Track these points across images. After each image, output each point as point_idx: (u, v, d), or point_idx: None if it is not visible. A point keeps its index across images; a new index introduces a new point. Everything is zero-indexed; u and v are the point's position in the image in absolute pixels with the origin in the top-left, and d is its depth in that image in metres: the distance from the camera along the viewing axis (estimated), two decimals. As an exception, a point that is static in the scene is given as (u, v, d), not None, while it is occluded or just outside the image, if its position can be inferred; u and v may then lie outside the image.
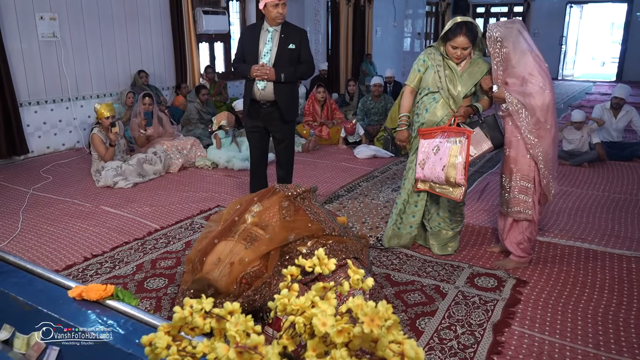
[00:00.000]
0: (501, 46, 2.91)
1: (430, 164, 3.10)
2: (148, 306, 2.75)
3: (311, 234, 2.51)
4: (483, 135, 3.10)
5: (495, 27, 2.94)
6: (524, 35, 2.93)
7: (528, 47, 2.91)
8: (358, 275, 0.89)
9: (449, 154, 3.02)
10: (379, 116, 6.98)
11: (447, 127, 3.08)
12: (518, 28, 2.94)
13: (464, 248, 3.51)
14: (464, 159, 2.98)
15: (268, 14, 3.64)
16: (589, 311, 2.73)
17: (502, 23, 2.97)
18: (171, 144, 5.57)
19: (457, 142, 3.00)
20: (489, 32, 2.94)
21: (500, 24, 2.97)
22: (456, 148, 3.00)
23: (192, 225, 3.92)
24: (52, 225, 3.88)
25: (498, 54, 2.94)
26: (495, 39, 2.91)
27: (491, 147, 3.13)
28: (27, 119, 5.83)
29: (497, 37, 2.91)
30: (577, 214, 4.17)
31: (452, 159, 3.01)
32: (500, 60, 2.94)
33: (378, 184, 5.03)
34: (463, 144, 2.98)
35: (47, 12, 5.81)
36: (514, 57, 2.91)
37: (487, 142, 3.11)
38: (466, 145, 2.98)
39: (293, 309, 0.81)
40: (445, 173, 3.03)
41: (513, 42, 2.90)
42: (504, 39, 2.90)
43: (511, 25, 2.95)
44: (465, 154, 2.98)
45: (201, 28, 7.80)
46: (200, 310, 0.82)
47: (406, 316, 2.66)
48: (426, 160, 3.13)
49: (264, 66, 3.66)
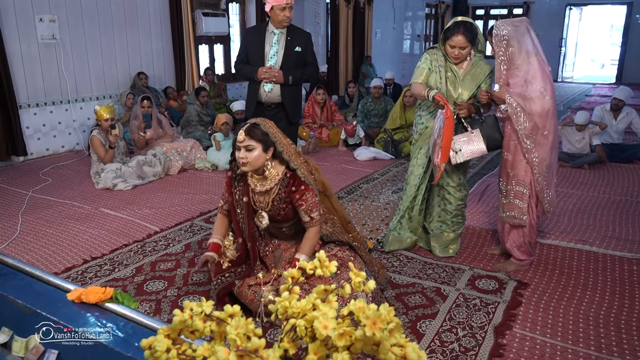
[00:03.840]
0: (507, 45, 2.86)
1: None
2: (148, 309, 2.74)
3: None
4: (480, 137, 3.06)
5: (502, 24, 2.88)
6: (531, 35, 2.88)
7: (533, 49, 2.87)
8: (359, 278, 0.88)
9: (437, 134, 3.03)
10: (379, 118, 6.98)
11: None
12: (526, 27, 2.88)
13: (465, 250, 3.50)
14: (441, 141, 2.96)
15: (275, 17, 3.64)
16: (590, 313, 2.72)
17: (510, 21, 2.91)
18: (171, 145, 5.56)
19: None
20: (496, 29, 2.88)
21: (508, 22, 2.91)
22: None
23: (192, 227, 3.91)
24: (51, 228, 3.87)
25: (503, 53, 2.88)
26: (502, 37, 2.86)
27: (484, 151, 3.07)
28: (26, 121, 5.82)
29: (504, 35, 2.85)
30: (577, 216, 4.16)
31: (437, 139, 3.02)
32: (505, 60, 2.90)
33: (378, 186, 5.03)
34: (443, 126, 2.94)
35: (46, 14, 5.81)
36: (519, 57, 2.86)
37: (482, 145, 3.05)
38: (444, 127, 2.92)
39: (294, 311, 0.80)
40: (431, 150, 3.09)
41: (519, 42, 2.85)
42: (511, 38, 2.85)
43: (519, 24, 2.90)
44: (444, 137, 2.93)
45: (201, 30, 7.80)
46: (201, 313, 0.81)
47: (407, 319, 2.65)
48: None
49: (272, 68, 3.66)
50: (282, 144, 2.51)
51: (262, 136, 2.46)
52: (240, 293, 2.59)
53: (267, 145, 2.48)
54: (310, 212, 2.55)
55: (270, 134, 2.48)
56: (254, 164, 2.47)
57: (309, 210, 2.55)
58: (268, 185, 2.57)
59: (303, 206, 2.55)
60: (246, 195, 2.62)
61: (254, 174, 2.58)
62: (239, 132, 2.47)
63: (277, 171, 2.56)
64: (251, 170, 2.52)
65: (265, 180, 2.57)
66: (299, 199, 2.54)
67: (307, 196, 2.53)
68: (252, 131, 2.45)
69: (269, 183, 2.57)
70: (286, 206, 2.57)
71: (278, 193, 2.56)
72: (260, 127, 2.47)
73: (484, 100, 3.05)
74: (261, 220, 2.63)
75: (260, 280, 2.61)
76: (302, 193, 2.53)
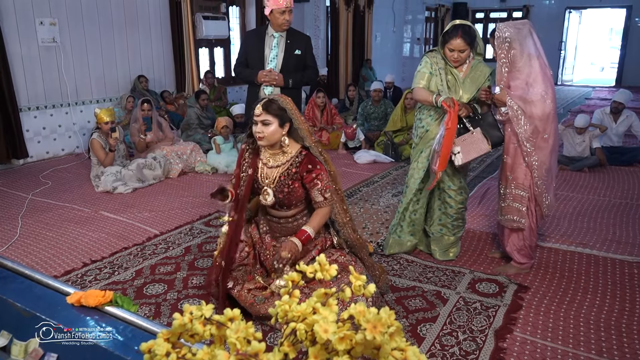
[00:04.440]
0: (509, 47, 2.86)
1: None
2: (147, 312, 2.74)
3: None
4: (482, 137, 3.06)
5: (505, 27, 2.88)
6: (533, 38, 2.88)
7: (535, 52, 2.86)
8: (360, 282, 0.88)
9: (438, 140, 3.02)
10: (379, 121, 6.98)
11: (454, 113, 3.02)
12: (528, 30, 2.88)
13: (465, 253, 3.49)
14: (440, 148, 2.96)
15: (274, 20, 3.65)
16: (591, 317, 2.71)
17: (512, 23, 2.91)
18: (171, 149, 5.57)
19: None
20: (499, 31, 2.88)
21: (510, 24, 2.91)
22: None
23: (192, 230, 3.91)
24: (51, 231, 3.87)
25: (505, 56, 2.88)
26: (504, 39, 2.86)
27: (489, 149, 3.08)
28: (26, 124, 5.82)
29: (507, 38, 2.85)
30: (578, 219, 4.16)
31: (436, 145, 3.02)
32: (506, 62, 2.90)
33: (378, 189, 5.02)
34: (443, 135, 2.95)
35: (47, 17, 5.82)
36: (521, 60, 2.86)
37: (486, 143, 3.06)
38: (444, 137, 2.93)
39: (294, 315, 0.80)
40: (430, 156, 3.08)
41: (521, 45, 2.85)
42: (513, 40, 2.85)
43: (521, 26, 2.89)
44: (443, 146, 2.94)
45: (201, 33, 7.81)
46: (200, 316, 0.81)
47: (407, 322, 2.65)
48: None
49: (272, 72, 3.66)
50: (298, 121, 2.54)
51: (279, 111, 2.48)
52: (239, 297, 2.58)
53: (284, 121, 2.50)
54: (324, 192, 2.55)
55: (288, 110, 2.51)
56: (270, 139, 2.50)
57: (323, 190, 2.55)
58: (280, 160, 2.58)
59: (318, 185, 2.54)
60: (252, 167, 2.62)
61: (268, 148, 2.59)
62: (256, 107, 2.50)
63: (292, 148, 2.58)
64: (267, 144, 2.54)
65: (280, 156, 2.59)
66: (314, 178, 2.53)
67: (322, 176, 2.54)
68: (269, 106, 2.48)
69: (283, 158, 2.58)
70: (292, 183, 2.55)
71: (288, 168, 2.56)
72: (278, 102, 2.50)
73: (484, 98, 3.05)
74: (266, 197, 2.61)
75: (260, 284, 2.60)
76: (317, 172, 2.53)
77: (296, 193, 2.57)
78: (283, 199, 2.58)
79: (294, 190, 2.56)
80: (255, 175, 2.62)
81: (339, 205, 2.70)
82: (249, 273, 2.69)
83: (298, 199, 2.60)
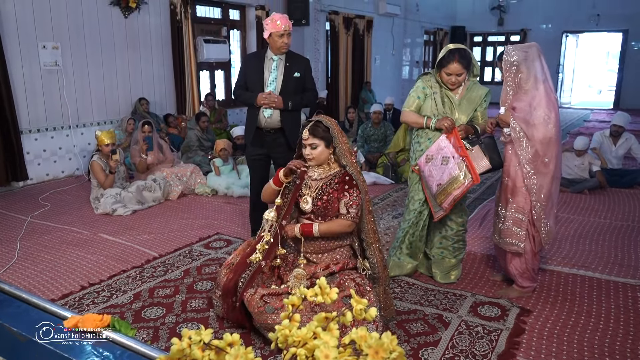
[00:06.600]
0: (517, 71, 2.88)
1: (432, 170, 3.08)
2: (145, 336, 2.70)
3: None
4: (482, 154, 3.07)
5: (513, 50, 2.91)
6: (541, 61, 2.90)
7: (542, 76, 2.88)
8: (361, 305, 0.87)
9: (449, 179, 3.00)
10: (379, 143, 7.01)
11: (456, 134, 3.03)
12: (536, 53, 2.90)
13: (466, 276, 3.47)
14: (456, 191, 2.97)
15: (273, 43, 3.68)
16: (595, 341, 2.68)
17: (520, 47, 2.94)
18: (171, 170, 5.57)
19: (462, 169, 2.97)
20: (506, 55, 2.91)
21: (518, 47, 2.93)
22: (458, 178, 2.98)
23: (191, 253, 3.88)
24: (49, 254, 3.85)
25: (512, 79, 2.91)
26: (512, 63, 2.88)
27: (489, 167, 3.09)
28: (27, 146, 5.83)
29: (514, 62, 2.87)
30: (579, 242, 4.14)
31: (449, 187, 3.00)
32: (512, 85, 2.92)
33: (378, 211, 5.01)
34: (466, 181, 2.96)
35: (49, 41, 5.88)
36: (527, 83, 2.88)
37: (486, 161, 3.07)
38: (467, 184, 2.96)
39: (295, 340, 0.79)
40: (437, 192, 3.05)
41: (528, 68, 2.87)
42: (520, 64, 2.87)
43: (528, 49, 2.92)
44: (462, 190, 2.96)
45: (202, 56, 7.89)
46: (199, 341, 0.80)
47: (409, 346, 2.61)
48: (432, 161, 3.10)
49: (271, 94, 3.69)
50: (338, 140, 2.71)
51: (324, 133, 2.68)
52: (251, 301, 2.57)
53: (329, 142, 2.70)
54: (350, 207, 2.67)
55: (331, 129, 2.68)
56: (319, 159, 2.72)
57: (349, 204, 2.67)
58: (325, 174, 2.76)
59: (346, 198, 2.67)
60: (301, 179, 2.76)
61: (316, 166, 2.78)
62: (303, 131, 2.70)
63: (336, 164, 2.79)
64: (317, 164, 2.75)
65: (326, 168, 2.77)
66: (345, 191, 2.68)
67: (353, 192, 2.67)
68: (315, 130, 2.68)
69: (327, 172, 2.76)
70: (331, 192, 2.69)
71: (331, 179, 2.73)
72: (323, 123, 2.69)
73: (490, 132, 3.07)
74: (305, 205, 2.75)
75: (274, 291, 2.59)
76: (351, 187, 2.68)
77: (333, 203, 2.69)
78: (320, 206, 2.70)
79: (332, 200, 2.69)
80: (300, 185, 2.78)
81: (370, 226, 2.78)
82: (264, 282, 2.74)
83: (333, 211, 2.70)
